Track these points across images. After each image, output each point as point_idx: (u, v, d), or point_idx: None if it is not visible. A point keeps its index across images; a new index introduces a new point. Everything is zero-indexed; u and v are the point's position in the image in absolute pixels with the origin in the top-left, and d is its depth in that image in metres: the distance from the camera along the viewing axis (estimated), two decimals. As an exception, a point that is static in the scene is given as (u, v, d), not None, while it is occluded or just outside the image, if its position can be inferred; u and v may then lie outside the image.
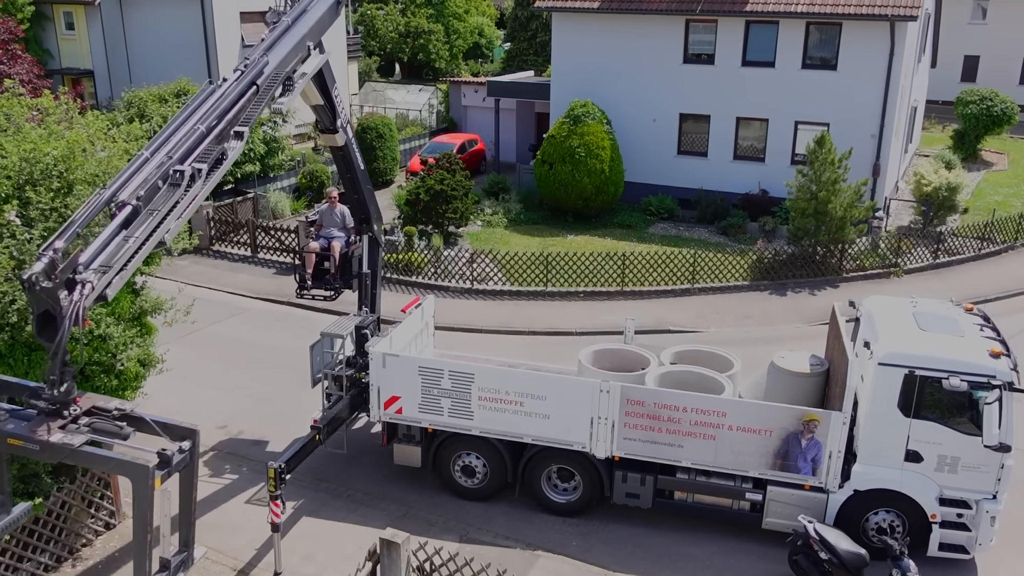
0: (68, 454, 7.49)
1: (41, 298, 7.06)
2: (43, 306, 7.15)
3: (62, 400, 7.62)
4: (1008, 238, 26.44)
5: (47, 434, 7.41)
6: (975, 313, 13.47)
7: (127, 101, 27.87)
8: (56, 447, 7.45)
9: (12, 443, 7.43)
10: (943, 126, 42.79)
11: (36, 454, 7.59)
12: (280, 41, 11.18)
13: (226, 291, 23.74)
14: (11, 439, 7.44)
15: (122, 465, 7.60)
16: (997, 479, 12.13)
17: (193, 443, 8.17)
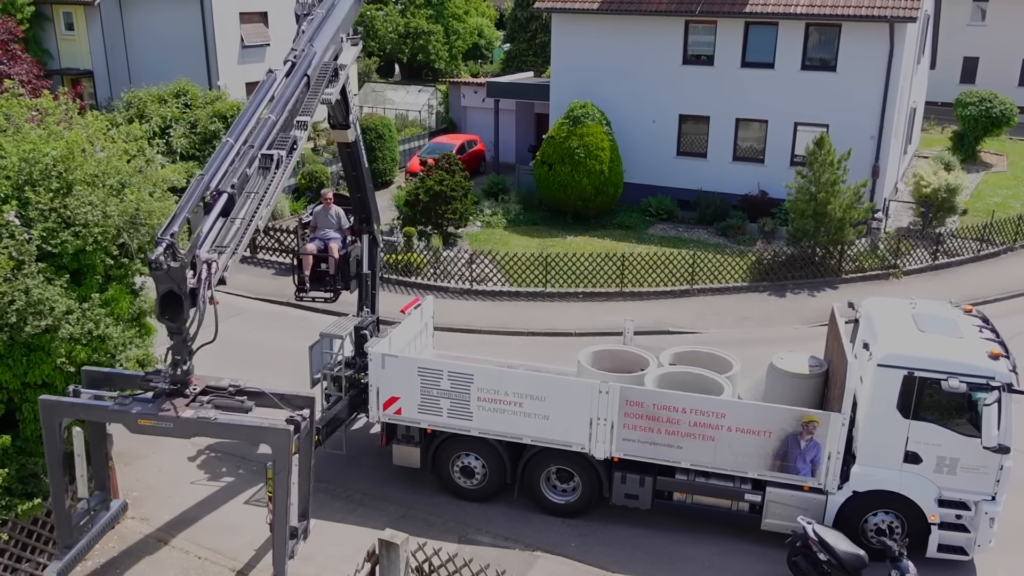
0: (204, 427, 7.68)
1: (166, 279, 7.25)
2: (167, 287, 7.33)
3: (183, 380, 7.79)
4: (1007, 239, 26.45)
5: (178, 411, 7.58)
6: (974, 314, 13.47)
7: (126, 101, 27.89)
8: (191, 422, 7.65)
9: (143, 423, 7.59)
10: (942, 127, 42.82)
11: (170, 432, 7.72)
12: (319, 32, 11.32)
13: (225, 291, 23.73)
14: (141, 420, 7.60)
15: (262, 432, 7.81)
16: (996, 480, 12.13)
17: (311, 411, 8.28)
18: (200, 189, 8.18)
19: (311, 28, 11.32)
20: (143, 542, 13.18)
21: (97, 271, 11.82)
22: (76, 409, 7.98)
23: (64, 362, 11.18)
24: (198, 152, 27.04)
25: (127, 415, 7.71)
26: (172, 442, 15.91)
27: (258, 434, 7.97)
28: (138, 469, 15.10)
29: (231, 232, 7.81)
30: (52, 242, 11.29)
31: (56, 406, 7.76)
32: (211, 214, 7.84)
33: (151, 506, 14.07)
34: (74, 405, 7.87)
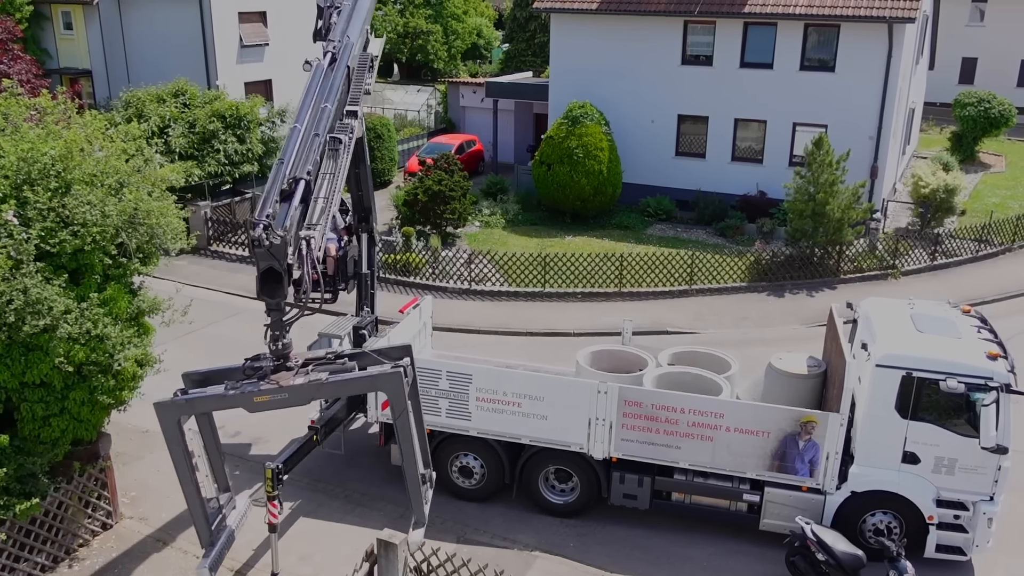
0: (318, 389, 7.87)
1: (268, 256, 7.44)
2: (268, 264, 7.51)
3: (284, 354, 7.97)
4: (1005, 240, 26.47)
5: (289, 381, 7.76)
6: (972, 315, 13.49)
7: (125, 101, 27.87)
8: (305, 387, 7.86)
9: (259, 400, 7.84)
10: (941, 128, 42.85)
11: (286, 402, 7.95)
12: (351, 23, 11.36)
13: (224, 291, 23.73)
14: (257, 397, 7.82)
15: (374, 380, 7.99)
16: (994, 481, 12.14)
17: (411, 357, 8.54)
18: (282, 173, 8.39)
19: (342, 20, 11.42)
20: (142, 542, 13.17)
21: (95, 270, 11.81)
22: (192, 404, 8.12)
23: (62, 361, 11.17)
24: (196, 152, 27.03)
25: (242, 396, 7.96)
26: (170, 442, 15.91)
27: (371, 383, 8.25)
28: (136, 469, 15.09)
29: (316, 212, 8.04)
30: (50, 241, 11.27)
31: (172, 405, 7.86)
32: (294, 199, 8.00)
33: (149, 506, 14.05)
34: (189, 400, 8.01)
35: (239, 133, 28.12)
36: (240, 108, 28.39)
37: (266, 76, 37.30)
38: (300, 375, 7.97)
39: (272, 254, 7.52)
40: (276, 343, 8.02)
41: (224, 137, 27.58)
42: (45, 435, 11.91)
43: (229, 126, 27.91)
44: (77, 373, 11.59)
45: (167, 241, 12.66)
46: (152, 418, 16.33)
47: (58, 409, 11.79)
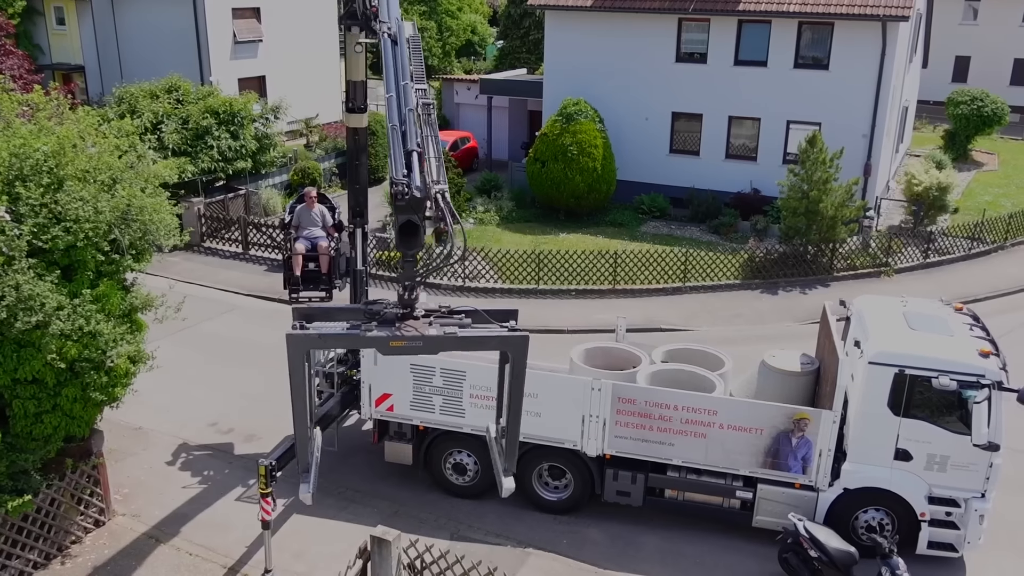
0: (448, 342, 8.14)
1: (408, 209, 7.81)
2: (407, 216, 7.88)
3: (412, 303, 8.23)
4: (998, 238, 26.57)
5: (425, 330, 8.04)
6: (965, 313, 13.53)
7: (118, 97, 27.74)
8: (438, 338, 8.08)
9: (395, 344, 8.02)
10: (934, 126, 42.97)
11: (419, 350, 8.18)
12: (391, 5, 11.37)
13: (217, 288, 23.68)
14: (393, 342, 8.00)
15: (504, 340, 8.29)
16: (986, 478, 12.19)
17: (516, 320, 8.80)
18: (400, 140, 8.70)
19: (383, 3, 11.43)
20: (135, 539, 13.14)
21: (88, 267, 11.76)
22: (324, 339, 8.27)
23: (55, 358, 11.13)
24: (190, 148, 26.93)
25: (379, 339, 8.05)
26: (162, 439, 15.90)
27: (500, 342, 8.46)
28: (129, 466, 15.06)
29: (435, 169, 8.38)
30: (43, 238, 11.22)
31: (305, 338, 8.02)
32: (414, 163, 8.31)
33: (142, 503, 14.03)
34: (322, 336, 8.14)
35: (233, 129, 28.03)
36: (234, 104, 28.30)
37: (260, 72, 37.18)
38: (434, 326, 8.24)
39: (412, 208, 7.88)
40: (409, 292, 8.27)
41: (217, 133, 27.49)
42: (37, 432, 11.87)
43: (223, 122, 27.83)
44: (69, 370, 11.55)
45: (160, 237, 12.63)
46: (145, 415, 16.38)
47: (50, 406, 11.76)
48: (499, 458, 9.23)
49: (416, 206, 7.93)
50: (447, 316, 8.41)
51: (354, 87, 13.51)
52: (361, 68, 13.23)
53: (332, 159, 33.25)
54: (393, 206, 8.01)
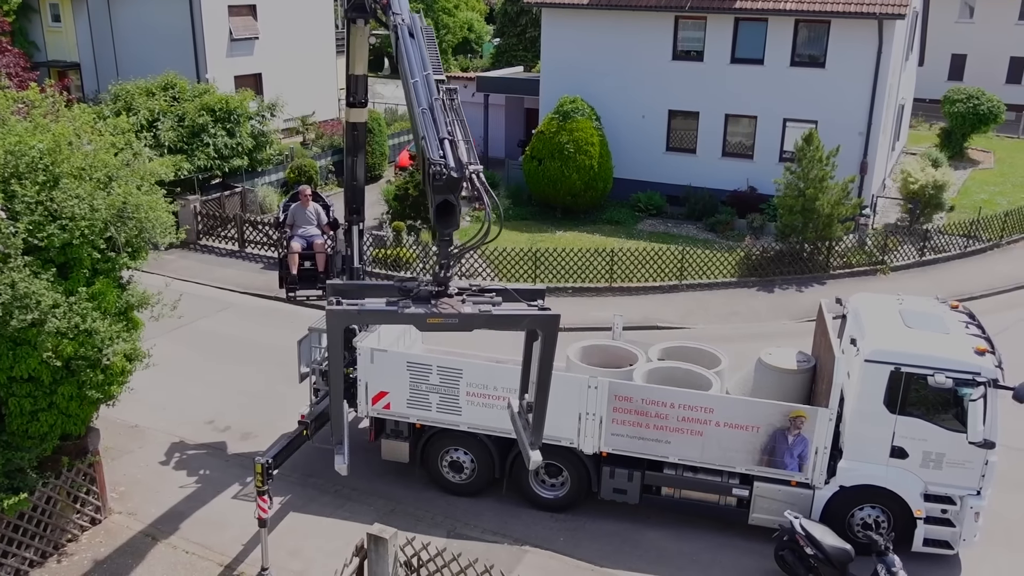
0: (483, 319, 8.35)
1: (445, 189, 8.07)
2: (444, 196, 8.13)
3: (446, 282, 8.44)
4: (994, 236, 26.61)
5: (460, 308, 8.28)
6: (961, 311, 13.56)
7: (114, 94, 27.67)
8: (476, 316, 8.31)
9: (432, 321, 8.24)
10: (930, 124, 43.02)
11: (455, 327, 8.35)
12: None
13: (214, 286, 23.65)
14: (431, 319, 8.22)
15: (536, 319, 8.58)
16: (981, 475, 12.22)
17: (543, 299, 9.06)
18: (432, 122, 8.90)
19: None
20: (131, 538, 13.13)
21: (84, 265, 11.74)
22: (362, 315, 8.51)
23: (51, 356, 11.11)
24: (186, 145, 26.87)
25: (417, 316, 8.26)
26: (158, 437, 15.88)
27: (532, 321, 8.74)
28: (124, 464, 15.05)
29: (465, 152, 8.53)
30: (38, 235, 11.20)
31: (345, 313, 8.20)
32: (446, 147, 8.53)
33: (138, 501, 14.02)
34: (361, 312, 8.38)
35: (229, 127, 27.96)
36: (230, 102, 28.24)
37: (256, 70, 37.13)
38: (468, 304, 8.46)
39: (449, 188, 8.14)
40: (444, 271, 8.49)
41: (214, 131, 27.43)
42: (33, 430, 11.86)
43: (219, 120, 27.77)
44: (65, 368, 11.53)
45: (156, 235, 12.61)
46: (141, 413, 16.35)
47: (46, 404, 11.74)
48: (524, 433, 9.40)
49: (453, 186, 8.15)
50: (479, 294, 8.61)
51: (355, 81, 13.45)
52: (364, 62, 13.17)
53: (328, 157, 33.21)
54: (430, 187, 8.19)
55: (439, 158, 8.19)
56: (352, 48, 12.95)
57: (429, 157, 8.18)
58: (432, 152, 8.27)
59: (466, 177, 8.23)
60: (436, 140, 8.44)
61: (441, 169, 8.10)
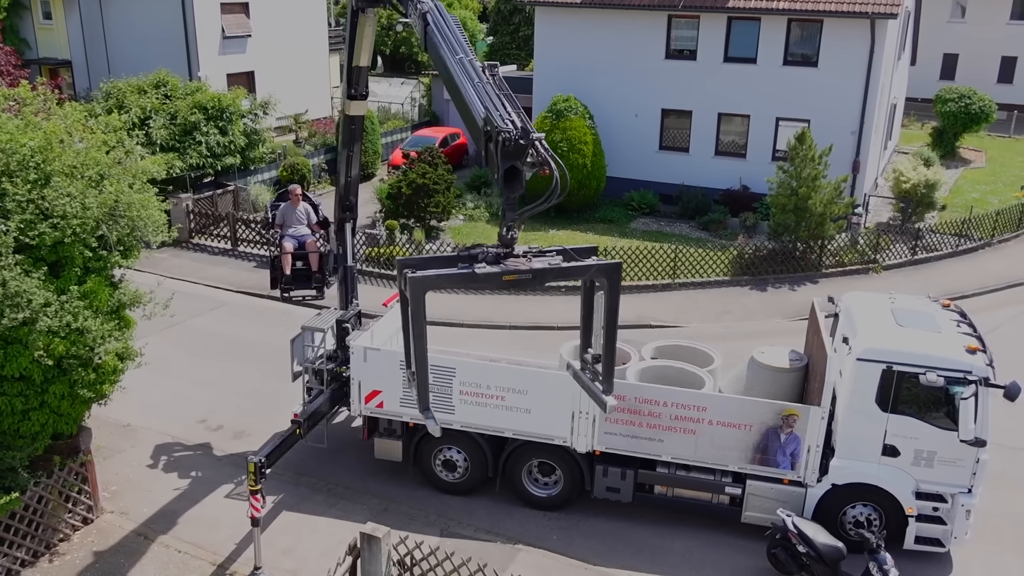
0: (552, 273, 9.03)
1: (512, 155, 8.62)
2: (510, 162, 8.68)
3: (512, 243, 9.01)
4: (985, 235, 26.71)
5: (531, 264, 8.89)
6: (952, 309, 13.60)
7: (105, 92, 27.58)
8: (547, 270, 8.99)
9: (507, 279, 8.86)
10: (922, 124, 43.15)
11: (529, 282, 9.06)
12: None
13: (206, 284, 23.60)
14: (506, 276, 8.83)
15: (601, 268, 9.12)
16: (972, 473, 12.27)
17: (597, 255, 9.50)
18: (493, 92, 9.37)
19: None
20: (123, 537, 13.09)
21: (75, 263, 11.70)
22: (441, 279, 8.94)
23: (42, 355, 11.07)
24: (178, 143, 26.80)
25: (493, 275, 8.83)
26: (151, 436, 15.84)
27: (597, 271, 9.22)
28: (117, 463, 15.00)
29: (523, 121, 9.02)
30: (30, 234, 11.17)
31: (426, 279, 8.70)
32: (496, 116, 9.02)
33: (130, 500, 13.98)
34: (439, 276, 8.87)
35: (221, 125, 27.91)
36: (222, 100, 28.17)
37: (249, 68, 37.06)
38: (537, 260, 9.03)
39: (516, 154, 8.67)
40: (509, 232, 9.02)
41: (206, 129, 27.36)
42: (25, 429, 11.81)
43: (211, 118, 27.70)
44: (57, 367, 11.50)
45: (148, 233, 12.57)
46: (133, 412, 16.30)
47: (38, 403, 11.70)
48: (592, 384, 9.90)
49: (520, 152, 8.66)
50: (540, 255, 9.15)
51: (358, 73, 13.36)
52: (368, 53, 13.10)
53: (321, 155, 33.16)
54: (498, 153, 8.67)
55: (508, 125, 8.68)
56: (358, 39, 12.83)
57: (497, 126, 8.65)
58: (499, 121, 8.73)
59: (531, 143, 8.69)
60: (500, 110, 8.94)
61: (511, 136, 8.59)
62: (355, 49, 12.98)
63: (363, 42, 12.87)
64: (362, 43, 12.89)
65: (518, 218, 9.05)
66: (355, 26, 12.67)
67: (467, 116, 9.41)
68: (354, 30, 12.75)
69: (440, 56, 9.98)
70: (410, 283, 8.62)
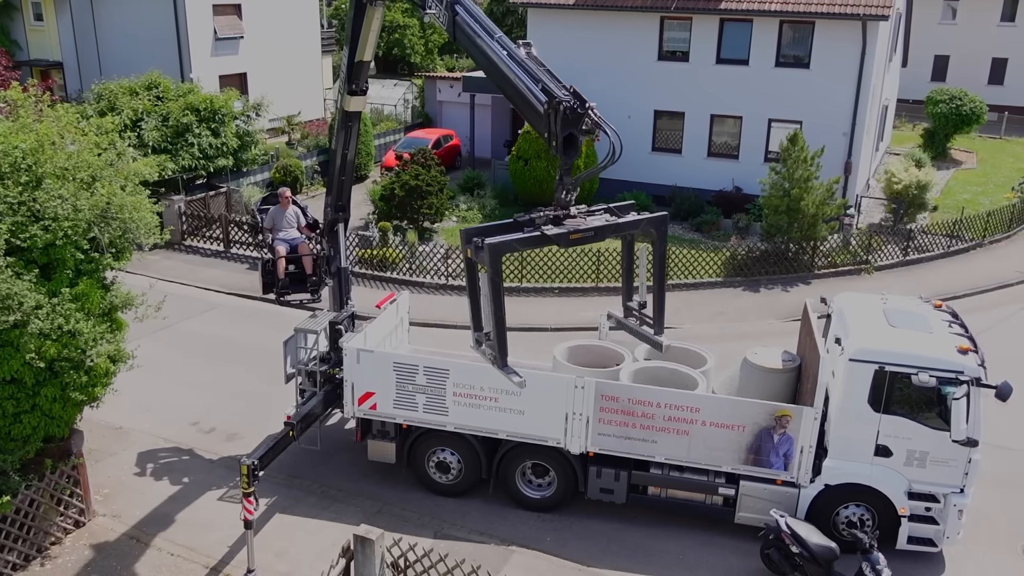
0: (611, 228, 9.75)
1: (570, 123, 9.23)
2: (570, 129, 9.28)
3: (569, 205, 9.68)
4: (976, 236, 26.82)
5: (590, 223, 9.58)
6: (944, 310, 13.65)
7: (97, 94, 27.48)
8: (606, 227, 9.70)
9: (574, 237, 9.55)
10: (913, 125, 43.32)
11: (590, 239, 9.72)
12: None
13: (198, 286, 23.54)
14: (572, 235, 9.49)
15: (651, 220, 9.99)
16: (964, 473, 12.31)
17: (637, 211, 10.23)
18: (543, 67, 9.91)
19: None
20: (115, 540, 13.05)
21: (67, 265, 11.66)
22: (513, 243, 9.57)
23: (34, 357, 11.02)
24: (170, 145, 26.74)
25: (561, 235, 9.48)
26: (143, 439, 15.80)
27: (648, 223, 10.02)
28: (109, 466, 14.95)
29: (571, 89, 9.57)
30: (21, 236, 11.12)
31: (502, 244, 9.38)
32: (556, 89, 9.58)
33: (122, 503, 13.93)
34: (515, 240, 9.51)
35: (214, 127, 27.84)
36: (215, 101, 28.11)
37: (241, 69, 37.00)
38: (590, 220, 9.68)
39: (573, 122, 9.28)
40: (568, 195, 9.63)
41: (198, 131, 27.30)
42: (16, 432, 11.76)
43: (203, 119, 27.63)
44: (49, 369, 11.45)
45: (140, 236, 12.53)
46: (126, 415, 16.25)
47: (29, 406, 11.65)
48: (641, 328, 10.82)
49: (577, 120, 9.28)
50: (591, 213, 9.87)
51: (359, 68, 13.30)
52: (373, 47, 13.04)
53: (314, 156, 33.12)
54: (558, 122, 9.27)
55: (565, 95, 9.31)
56: (364, 32, 12.75)
57: (559, 98, 9.27)
58: (557, 92, 9.37)
59: (587, 111, 9.31)
60: (555, 82, 9.53)
61: (570, 104, 9.21)
62: (360, 43, 12.88)
63: (369, 36, 12.81)
64: (368, 37, 12.82)
65: (575, 182, 9.63)
66: (360, 18, 12.59)
67: (519, 97, 9.86)
68: (358, 23, 12.67)
69: (477, 45, 10.45)
70: (489, 249, 9.26)
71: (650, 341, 10.71)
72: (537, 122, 9.62)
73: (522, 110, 9.94)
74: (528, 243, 9.74)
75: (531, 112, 9.68)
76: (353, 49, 13.02)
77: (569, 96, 9.30)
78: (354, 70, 13.29)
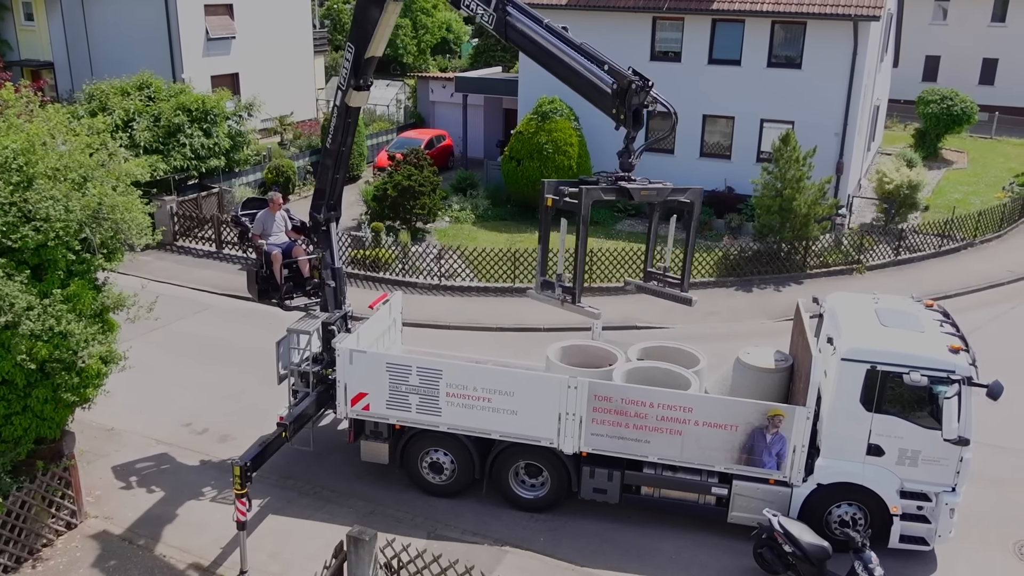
0: (670, 191, 11.29)
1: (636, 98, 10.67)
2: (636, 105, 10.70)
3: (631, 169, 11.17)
4: (968, 235, 26.93)
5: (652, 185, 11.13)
6: (935, 309, 13.70)
7: (88, 94, 27.38)
8: (664, 188, 11.23)
9: (644, 194, 11.09)
10: (905, 125, 43.46)
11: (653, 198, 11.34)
12: None
13: (190, 287, 23.48)
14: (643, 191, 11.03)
15: (693, 191, 11.61)
16: (956, 472, 12.36)
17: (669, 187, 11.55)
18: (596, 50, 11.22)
19: None
20: (108, 541, 13.01)
21: (59, 266, 11.62)
22: (600, 192, 10.99)
23: (25, 359, 10.98)
24: (162, 145, 26.64)
25: (636, 189, 10.97)
26: (135, 440, 15.75)
27: (691, 193, 11.56)
28: (101, 467, 14.90)
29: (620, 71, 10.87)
30: (12, 237, 11.08)
31: (593, 190, 10.86)
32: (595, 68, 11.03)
33: (115, 505, 13.88)
34: (601, 189, 10.95)
35: (205, 127, 27.77)
36: (206, 102, 28.03)
37: (233, 69, 36.92)
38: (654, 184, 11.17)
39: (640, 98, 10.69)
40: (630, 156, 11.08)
41: (190, 131, 27.22)
42: (7, 434, 11.72)
43: (195, 120, 27.56)
44: (40, 370, 11.41)
45: (132, 236, 12.50)
46: (117, 416, 16.20)
47: (20, 407, 11.61)
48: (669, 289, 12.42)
49: (642, 98, 10.67)
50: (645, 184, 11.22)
51: (368, 63, 13.22)
52: (384, 42, 13.00)
53: (306, 157, 33.06)
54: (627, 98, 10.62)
55: (631, 73, 10.63)
56: (380, 27, 12.69)
57: (627, 77, 10.60)
58: (624, 71, 10.69)
59: (649, 87, 10.69)
60: (618, 64, 10.76)
61: (639, 83, 10.58)
62: (375, 38, 12.82)
63: (383, 31, 12.79)
64: (383, 32, 12.80)
65: (640, 149, 11.07)
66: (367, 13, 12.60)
67: (579, 79, 11.02)
68: (368, 17, 12.63)
69: (535, 40, 11.34)
70: (583, 194, 10.68)
71: (678, 298, 12.09)
72: (601, 100, 10.81)
73: (583, 90, 11.03)
74: (609, 192, 11.11)
75: (595, 92, 10.86)
76: (363, 44, 12.93)
77: (634, 75, 10.55)
78: (362, 66, 13.21)
